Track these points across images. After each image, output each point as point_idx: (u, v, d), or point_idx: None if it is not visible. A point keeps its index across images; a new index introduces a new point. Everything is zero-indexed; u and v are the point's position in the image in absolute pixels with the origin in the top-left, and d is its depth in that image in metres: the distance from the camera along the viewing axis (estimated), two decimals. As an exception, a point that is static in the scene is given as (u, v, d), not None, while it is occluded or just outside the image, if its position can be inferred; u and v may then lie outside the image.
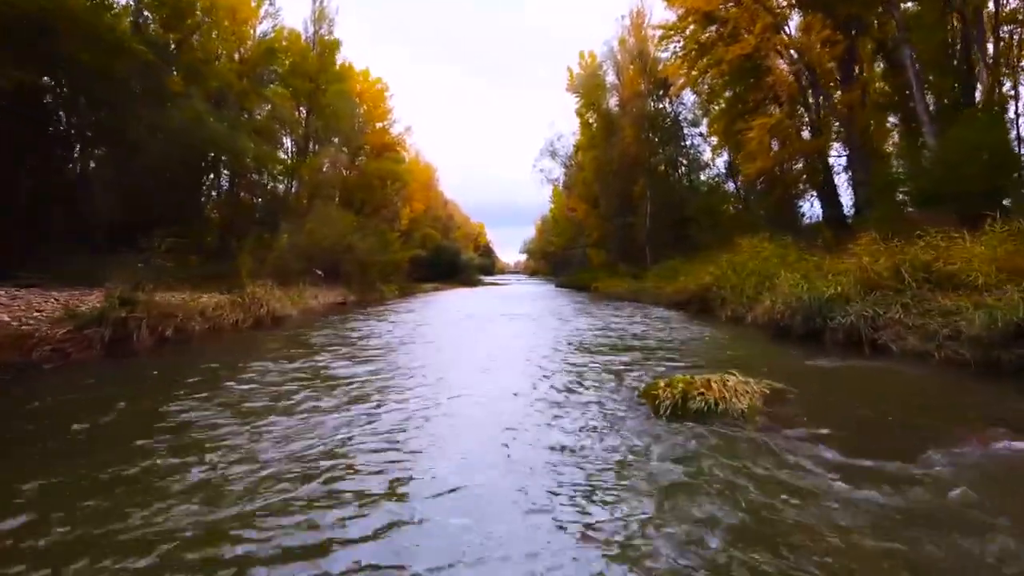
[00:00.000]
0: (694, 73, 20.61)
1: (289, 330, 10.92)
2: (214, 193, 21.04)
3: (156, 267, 12.30)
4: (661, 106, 29.56)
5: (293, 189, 24.67)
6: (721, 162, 25.87)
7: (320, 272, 17.49)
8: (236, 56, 21.22)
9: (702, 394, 4.13)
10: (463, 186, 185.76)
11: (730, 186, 26.34)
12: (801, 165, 18.85)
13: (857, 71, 15.44)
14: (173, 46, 16.55)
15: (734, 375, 4.62)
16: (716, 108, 22.76)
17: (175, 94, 15.55)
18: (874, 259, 8.00)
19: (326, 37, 27.51)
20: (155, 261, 12.57)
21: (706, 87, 24.28)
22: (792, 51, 14.30)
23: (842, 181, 18.13)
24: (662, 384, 4.45)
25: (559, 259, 54.02)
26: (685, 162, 28.71)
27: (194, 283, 12.50)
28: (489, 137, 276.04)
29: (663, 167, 30.08)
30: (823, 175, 17.33)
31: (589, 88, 32.63)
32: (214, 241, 17.40)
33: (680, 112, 28.94)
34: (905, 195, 13.46)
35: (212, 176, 20.42)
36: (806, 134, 18.19)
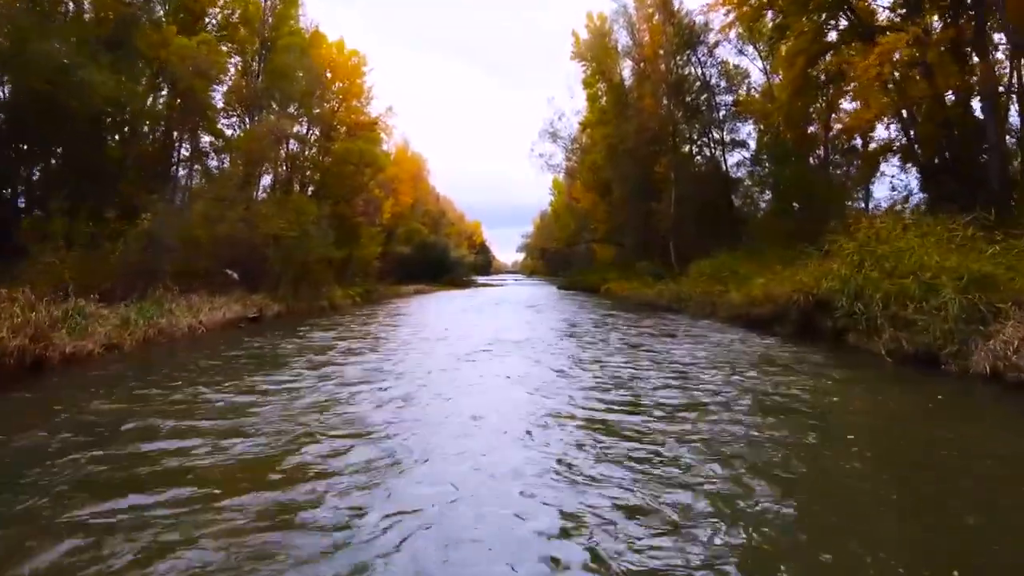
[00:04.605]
0: (746, 9, 15.57)
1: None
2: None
3: None
4: (687, 71, 24.36)
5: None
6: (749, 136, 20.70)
7: (231, 272, 12.22)
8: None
9: None
10: (460, 185, 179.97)
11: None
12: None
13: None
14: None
15: None
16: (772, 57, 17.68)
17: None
18: None
19: (279, -14, 22.42)
20: None
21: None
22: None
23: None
24: None
25: (559, 257, 49.04)
26: (719, 135, 23.46)
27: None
28: (487, 137, 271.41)
29: (690, 146, 24.93)
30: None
31: (598, 53, 27.43)
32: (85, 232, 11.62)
33: (711, 76, 23.76)
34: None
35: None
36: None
